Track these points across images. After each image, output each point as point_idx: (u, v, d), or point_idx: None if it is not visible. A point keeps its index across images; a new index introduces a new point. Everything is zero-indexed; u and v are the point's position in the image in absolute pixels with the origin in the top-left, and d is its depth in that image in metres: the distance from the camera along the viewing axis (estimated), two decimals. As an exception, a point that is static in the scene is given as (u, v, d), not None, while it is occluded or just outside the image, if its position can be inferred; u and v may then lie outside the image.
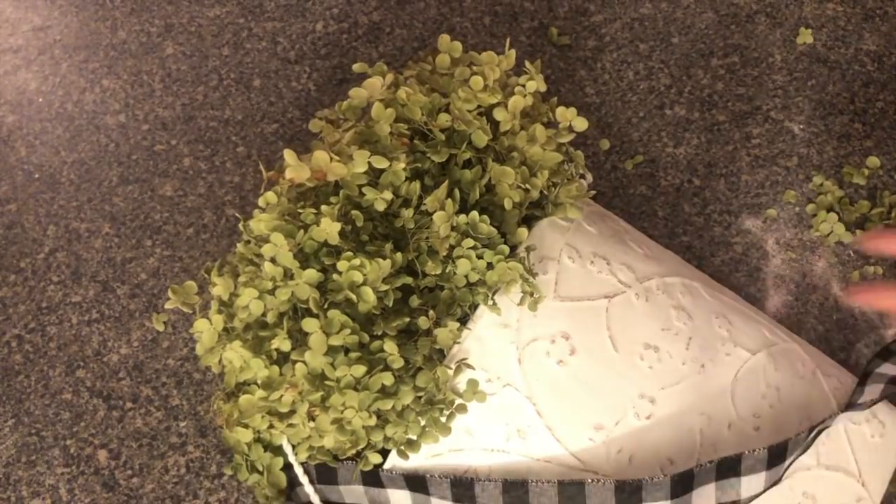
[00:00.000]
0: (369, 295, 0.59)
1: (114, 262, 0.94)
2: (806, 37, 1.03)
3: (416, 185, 0.63)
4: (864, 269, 0.89)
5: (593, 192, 0.73)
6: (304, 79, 1.04)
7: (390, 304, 0.61)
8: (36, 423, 0.86)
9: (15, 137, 1.03)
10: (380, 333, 0.60)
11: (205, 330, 0.62)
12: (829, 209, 0.91)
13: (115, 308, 0.91)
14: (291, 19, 1.09)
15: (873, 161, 0.94)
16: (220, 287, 0.62)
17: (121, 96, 1.04)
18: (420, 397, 0.61)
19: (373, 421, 0.60)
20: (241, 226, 0.64)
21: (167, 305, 0.66)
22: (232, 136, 1.01)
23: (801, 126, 0.98)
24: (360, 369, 0.58)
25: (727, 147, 0.97)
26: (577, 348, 0.64)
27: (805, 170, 0.95)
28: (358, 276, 0.59)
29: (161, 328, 0.89)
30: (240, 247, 0.64)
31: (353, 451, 0.64)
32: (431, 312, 0.61)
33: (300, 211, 0.61)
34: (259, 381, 0.60)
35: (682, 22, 1.05)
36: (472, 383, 0.63)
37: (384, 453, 0.65)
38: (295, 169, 0.61)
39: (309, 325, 0.58)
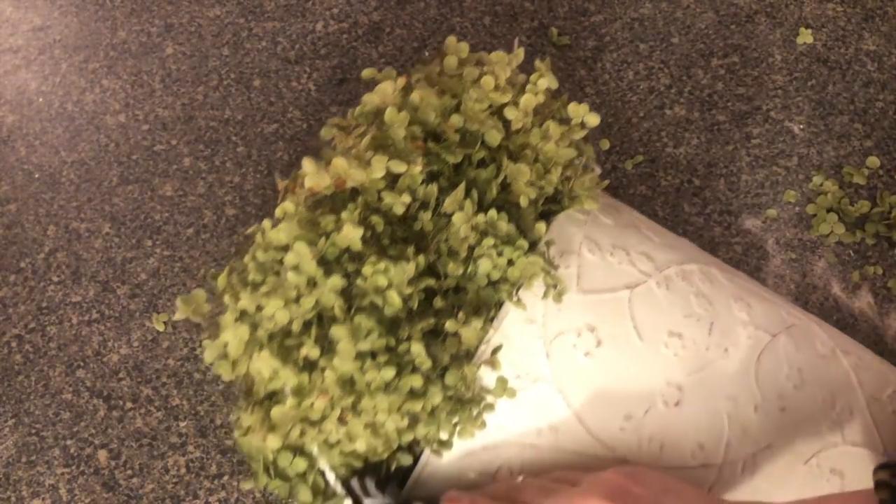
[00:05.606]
0: (395, 298, 0.59)
1: (114, 262, 0.94)
2: (806, 37, 1.03)
3: (434, 188, 0.63)
4: (865, 269, 0.89)
5: (606, 182, 0.73)
6: (304, 79, 1.04)
7: (415, 307, 0.61)
8: (36, 423, 0.86)
9: (15, 137, 1.03)
10: (406, 336, 0.60)
11: (230, 341, 0.62)
12: (829, 209, 0.91)
13: (115, 308, 0.91)
14: (291, 19, 1.09)
15: (873, 161, 0.94)
16: (245, 300, 0.61)
17: (121, 96, 1.04)
18: (450, 397, 0.62)
19: (405, 422, 0.60)
20: (258, 236, 0.64)
21: (176, 317, 0.66)
22: (232, 136, 1.01)
23: (801, 126, 0.98)
24: (389, 372, 0.58)
25: (727, 147, 0.97)
26: (602, 340, 0.65)
27: (805, 170, 0.95)
28: (383, 280, 0.59)
29: (161, 328, 0.90)
30: (259, 254, 0.63)
31: (385, 453, 0.64)
32: (461, 314, 0.61)
33: (319, 220, 0.61)
34: (289, 390, 0.60)
35: (682, 22, 1.05)
36: (502, 381, 0.63)
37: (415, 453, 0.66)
38: (314, 177, 0.61)
39: (337, 332, 0.58)
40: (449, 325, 0.61)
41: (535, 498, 0.60)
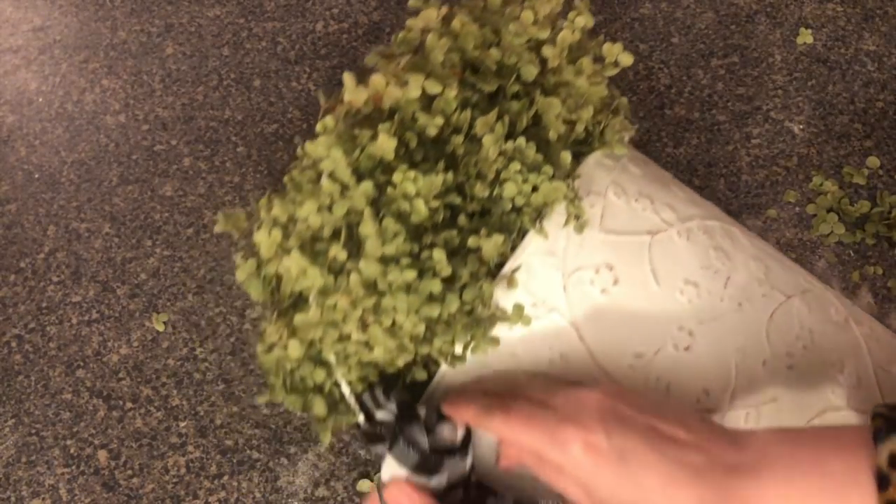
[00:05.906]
0: (421, 207, 0.62)
1: (114, 262, 0.94)
2: (806, 37, 1.03)
3: (467, 114, 0.66)
4: (865, 269, 0.89)
5: (636, 128, 0.75)
6: (304, 79, 1.04)
7: (440, 221, 0.63)
8: (36, 423, 0.86)
9: (15, 137, 1.03)
10: (429, 244, 0.63)
11: (263, 242, 0.65)
12: (829, 209, 0.91)
13: (115, 308, 0.91)
14: (291, 19, 1.09)
15: (873, 161, 0.94)
16: (278, 208, 0.65)
17: (121, 96, 1.04)
18: (468, 312, 0.64)
19: (421, 328, 0.62)
20: (298, 152, 0.66)
21: (216, 229, 0.68)
22: (232, 136, 1.01)
23: (801, 126, 0.98)
24: (410, 274, 0.61)
25: (727, 147, 0.97)
26: (620, 279, 0.66)
27: (805, 170, 0.95)
28: (411, 188, 0.62)
29: (161, 328, 0.89)
30: (295, 174, 0.66)
31: (402, 363, 0.65)
32: (484, 230, 0.63)
33: (356, 134, 0.65)
34: (314, 295, 0.63)
35: (682, 22, 1.05)
36: (518, 307, 0.65)
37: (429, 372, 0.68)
38: (353, 92, 0.65)
39: (365, 230, 0.61)
40: (471, 240, 0.64)
41: (535, 393, 0.61)
